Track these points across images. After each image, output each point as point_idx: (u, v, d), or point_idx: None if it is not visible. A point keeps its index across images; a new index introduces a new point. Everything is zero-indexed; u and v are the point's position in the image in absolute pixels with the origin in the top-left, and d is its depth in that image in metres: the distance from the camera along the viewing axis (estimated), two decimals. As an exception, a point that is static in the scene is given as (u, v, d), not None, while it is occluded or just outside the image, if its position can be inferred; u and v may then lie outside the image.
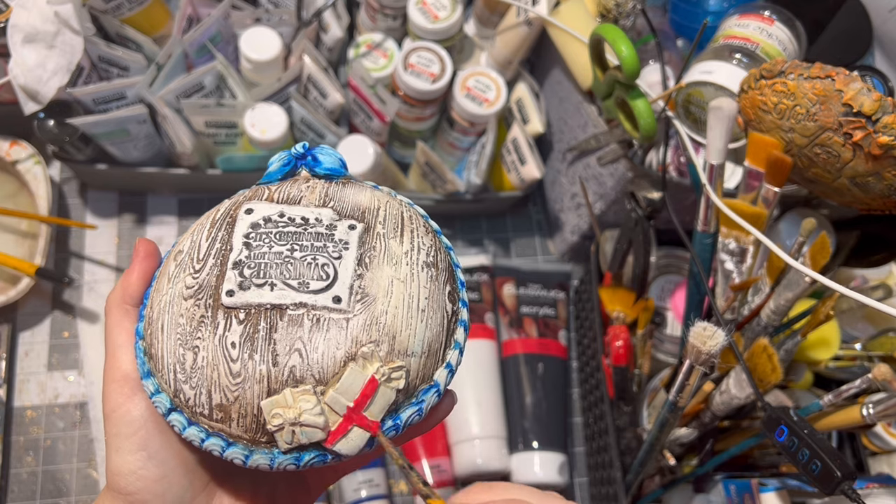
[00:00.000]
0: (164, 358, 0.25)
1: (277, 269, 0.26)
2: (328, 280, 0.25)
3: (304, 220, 0.27)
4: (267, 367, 0.24)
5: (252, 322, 0.25)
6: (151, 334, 0.26)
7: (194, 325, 0.25)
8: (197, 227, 0.28)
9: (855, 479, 0.38)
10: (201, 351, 0.24)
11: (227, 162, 0.64)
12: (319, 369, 0.24)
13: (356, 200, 0.28)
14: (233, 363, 0.24)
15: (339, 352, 0.24)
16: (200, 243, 0.27)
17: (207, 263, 0.26)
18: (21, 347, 0.64)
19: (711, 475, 0.53)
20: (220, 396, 0.24)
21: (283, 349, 0.24)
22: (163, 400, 0.25)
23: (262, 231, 0.26)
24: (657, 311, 0.65)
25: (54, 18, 0.53)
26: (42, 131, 0.58)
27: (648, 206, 0.54)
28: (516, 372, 0.67)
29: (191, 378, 0.24)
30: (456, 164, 0.73)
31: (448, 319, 0.27)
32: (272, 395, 0.24)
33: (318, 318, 0.25)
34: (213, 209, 0.29)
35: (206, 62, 0.62)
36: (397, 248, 0.27)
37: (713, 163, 0.46)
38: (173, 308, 0.25)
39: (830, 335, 0.57)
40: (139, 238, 0.28)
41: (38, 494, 0.59)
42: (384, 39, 0.68)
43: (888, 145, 0.39)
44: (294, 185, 0.29)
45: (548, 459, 0.64)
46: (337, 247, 0.26)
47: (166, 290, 0.26)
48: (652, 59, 0.63)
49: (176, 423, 0.25)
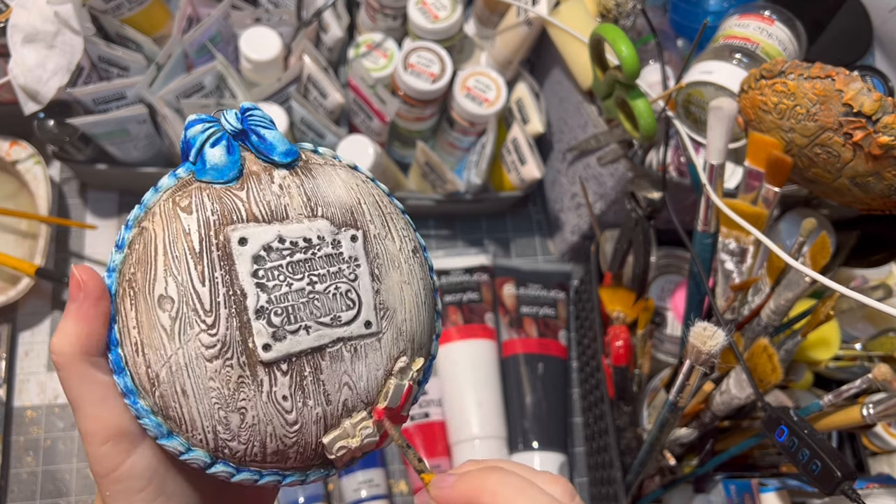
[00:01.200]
0: (195, 421, 0.23)
1: (305, 308, 0.24)
2: (355, 307, 0.25)
3: (308, 242, 0.25)
4: (322, 409, 0.25)
5: (297, 370, 0.24)
6: (164, 397, 0.23)
7: (233, 387, 0.23)
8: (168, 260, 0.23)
9: (855, 479, 0.38)
10: (249, 411, 0.23)
11: (227, 162, 0.64)
12: (367, 394, 0.26)
13: (338, 197, 0.26)
14: (288, 414, 0.24)
15: (380, 372, 0.26)
16: (196, 288, 0.23)
17: (220, 315, 0.23)
18: (21, 347, 0.64)
19: (711, 475, 0.53)
20: (277, 444, 0.24)
21: (333, 388, 0.25)
22: (200, 456, 0.24)
23: (270, 266, 0.24)
24: (657, 311, 0.65)
25: (54, 18, 0.53)
26: (42, 131, 0.58)
27: (648, 206, 0.54)
28: (516, 372, 0.67)
29: (239, 436, 0.24)
30: (456, 164, 0.73)
31: (432, 292, 0.29)
32: (329, 429, 0.25)
33: (355, 347, 0.25)
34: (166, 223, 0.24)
35: (206, 62, 0.62)
36: (392, 247, 0.27)
37: (713, 163, 0.46)
38: (195, 371, 0.23)
39: (830, 335, 0.57)
40: (76, 266, 0.24)
41: (38, 494, 0.59)
42: (384, 39, 0.68)
43: (888, 145, 0.39)
44: (263, 188, 0.25)
45: (548, 459, 0.64)
46: (350, 266, 0.26)
47: (172, 349, 0.23)
48: (652, 59, 0.63)
49: (222, 473, 0.24)
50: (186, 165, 0.25)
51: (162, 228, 0.24)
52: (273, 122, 0.26)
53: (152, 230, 0.24)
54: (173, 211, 0.24)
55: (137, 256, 0.24)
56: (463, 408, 0.64)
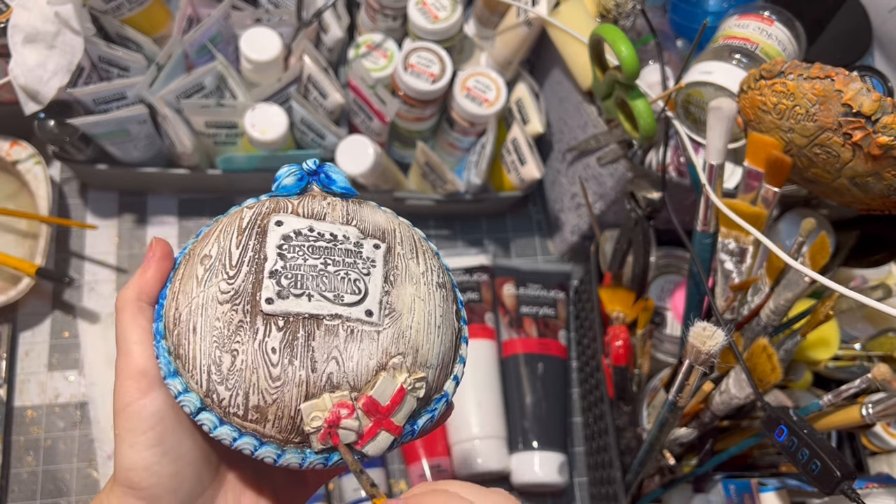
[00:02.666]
0: (196, 359, 0.26)
1: (313, 280, 0.27)
2: (360, 294, 0.27)
3: (333, 237, 0.28)
4: (306, 373, 0.26)
5: (291, 330, 0.26)
6: (179, 335, 0.26)
7: (232, 328, 0.26)
8: (220, 233, 0.28)
9: (854, 479, 0.38)
10: (240, 354, 0.25)
11: (228, 162, 0.64)
12: (354, 376, 0.26)
13: (375, 220, 0.30)
14: (273, 367, 0.25)
15: (372, 361, 0.26)
16: (231, 250, 0.27)
17: (241, 270, 0.27)
18: (21, 347, 0.64)
19: (711, 475, 0.54)
20: (258, 398, 0.25)
21: (322, 356, 0.26)
22: (192, 399, 0.26)
23: (295, 244, 0.27)
24: (657, 311, 0.65)
25: (55, 19, 0.53)
26: (42, 131, 0.58)
27: (648, 206, 0.54)
28: (516, 372, 0.67)
29: (227, 380, 0.25)
30: (456, 164, 0.73)
31: (456, 336, 0.30)
32: (310, 399, 0.25)
33: (352, 329, 0.27)
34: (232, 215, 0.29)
35: (206, 62, 0.62)
36: (415, 268, 0.29)
37: (713, 163, 0.46)
38: (207, 311, 0.26)
39: (830, 335, 0.57)
40: (155, 237, 0.29)
41: (39, 494, 0.59)
42: (384, 40, 0.68)
43: (888, 145, 0.39)
44: (314, 202, 0.29)
45: (548, 459, 0.64)
46: (365, 264, 0.28)
47: (196, 292, 0.26)
48: (652, 60, 0.63)
49: (206, 421, 0.26)
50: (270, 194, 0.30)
51: (228, 220, 0.29)
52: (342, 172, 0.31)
53: (221, 222, 0.29)
54: (241, 210, 0.29)
55: (203, 236, 0.29)
56: (463, 408, 0.64)
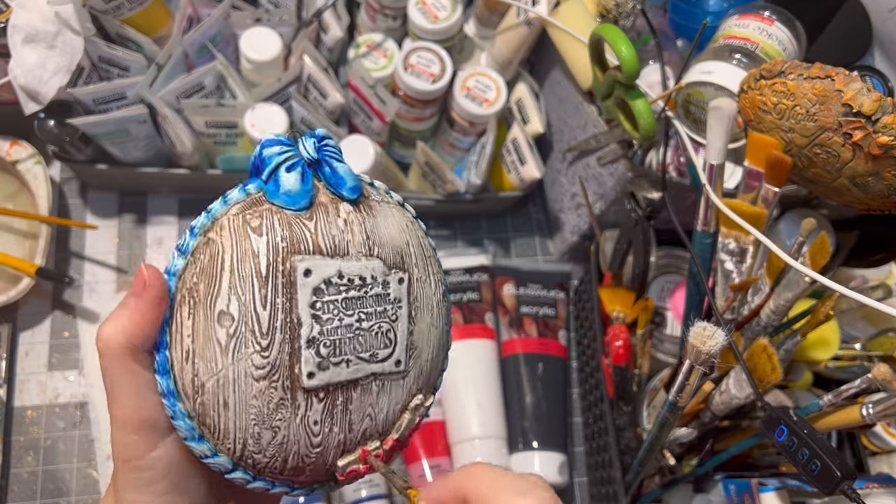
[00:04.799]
0: (229, 432, 0.24)
1: (350, 343, 0.26)
2: (391, 346, 0.27)
3: (363, 281, 0.26)
4: (344, 435, 0.26)
5: (331, 399, 0.26)
6: (205, 406, 0.24)
7: (273, 407, 0.24)
8: (235, 279, 0.24)
9: (855, 479, 0.38)
10: (282, 430, 0.25)
11: (228, 162, 0.64)
12: (384, 425, 0.27)
13: (391, 238, 0.27)
14: (314, 437, 0.26)
15: (398, 406, 0.28)
16: (257, 310, 0.24)
17: (275, 339, 0.24)
18: (21, 347, 0.64)
19: (711, 475, 0.53)
20: (298, 462, 0.26)
21: (358, 418, 0.27)
22: (223, 462, 0.25)
23: (327, 300, 0.25)
24: (657, 311, 0.65)
25: (54, 18, 0.53)
26: (42, 131, 0.58)
27: (648, 206, 0.54)
28: (516, 372, 0.67)
29: (266, 450, 0.25)
30: (456, 164, 0.73)
31: (449, 333, 0.30)
32: (345, 454, 0.27)
33: (383, 382, 0.27)
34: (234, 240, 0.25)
35: (206, 62, 0.62)
36: (429, 291, 0.29)
37: (713, 163, 0.46)
38: (241, 387, 0.24)
39: (830, 335, 0.57)
40: (144, 265, 0.24)
41: (39, 494, 0.59)
42: (384, 40, 0.68)
43: (888, 145, 0.39)
44: (329, 222, 0.26)
45: (548, 459, 0.64)
46: (393, 307, 0.27)
47: (223, 363, 0.24)
48: (652, 59, 0.63)
49: (240, 479, 0.26)
50: (257, 183, 0.26)
51: (231, 245, 0.24)
52: (341, 153, 0.28)
53: (220, 244, 0.24)
54: (243, 229, 0.25)
55: (202, 267, 0.24)
56: (463, 408, 0.64)
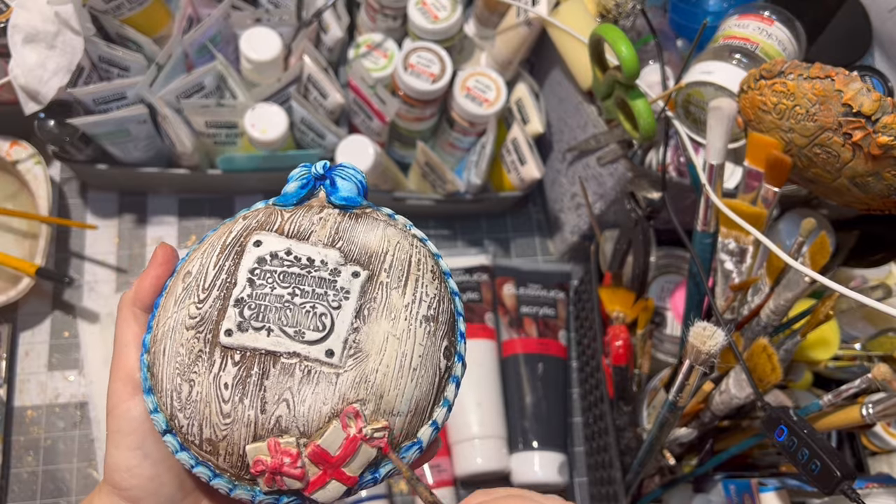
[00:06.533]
0: (163, 381, 0.26)
1: (276, 313, 0.26)
2: (324, 332, 0.26)
3: (310, 262, 0.27)
4: (255, 413, 0.25)
5: (246, 365, 0.25)
6: (154, 354, 0.26)
7: (192, 357, 0.25)
8: (208, 248, 0.28)
9: (854, 479, 0.38)
10: (196, 385, 0.25)
11: (228, 162, 0.64)
12: (304, 422, 0.25)
13: (365, 242, 0.28)
14: (224, 403, 0.25)
15: (326, 407, 0.25)
16: (208, 269, 0.27)
17: (211, 295, 0.26)
18: (21, 347, 0.64)
19: (711, 475, 0.53)
20: (210, 432, 0.25)
21: (272, 397, 0.25)
22: (160, 420, 0.26)
23: (267, 269, 0.27)
24: (657, 311, 0.65)
25: (55, 18, 0.53)
26: (42, 131, 0.58)
27: (648, 206, 0.54)
28: (516, 372, 0.67)
29: (185, 408, 0.25)
30: (456, 164, 0.73)
31: (440, 377, 0.27)
32: (258, 440, 0.25)
33: (309, 369, 0.25)
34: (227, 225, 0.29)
35: (206, 62, 0.62)
36: (398, 300, 0.27)
37: (713, 163, 0.46)
38: (175, 335, 0.26)
39: (830, 335, 0.57)
40: (162, 242, 0.29)
41: (39, 494, 0.59)
42: (384, 40, 0.68)
43: (888, 145, 0.39)
44: (307, 215, 0.28)
45: (548, 459, 0.64)
46: (338, 295, 0.26)
47: (171, 312, 0.26)
48: (652, 59, 0.63)
49: (170, 444, 0.26)
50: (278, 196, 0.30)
51: (224, 228, 0.29)
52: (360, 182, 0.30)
53: (220, 231, 0.29)
54: (238, 218, 0.29)
55: (201, 246, 0.28)
56: (463, 408, 0.64)
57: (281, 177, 0.65)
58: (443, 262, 0.30)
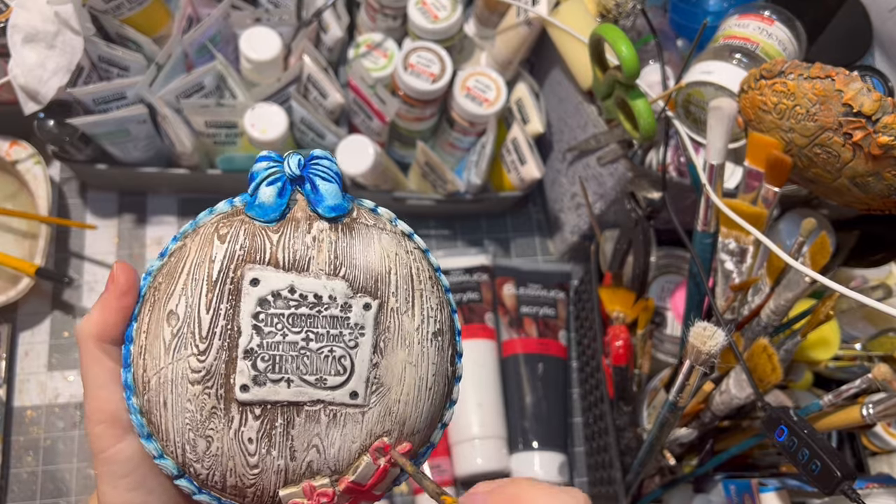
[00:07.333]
0: (169, 433, 0.24)
1: (293, 363, 0.25)
2: (345, 375, 0.25)
3: (318, 299, 0.25)
4: (285, 462, 0.25)
5: (269, 418, 0.24)
6: (150, 402, 0.24)
7: (205, 414, 0.24)
8: (189, 281, 0.24)
9: (855, 479, 0.38)
10: (215, 441, 0.24)
11: (228, 162, 0.64)
12: (335, 462, 0.25)
13: (367, 263, 0.26)
14: (250, 457, 0.24)
15: (355, 445, 0.25)
16: (200, 314, 0.24)
17: (213, 345, 0.24)
18: (21, 347, 0.64)
19: (711, 475, 0.53)
20: (236, 480, 0.25)
21: (301, 445, 0.25)
22: (169, 465, 0.25)
23: (273, 312, 0.25)
24: (657, 311, 0.65)
25: (54, 18, 0.53)
26: (42, 131, 0.58)
27: (648, 206, 0.54)
28: (516, 372, 0.67)
29: (203, 460, 0.24)
30: (456, 164, 0.73)
31: (448, 385, 0.28)
32: (289, 485, 0.25)
33: (334, 413, 0.25)
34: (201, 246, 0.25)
35: (206, 62, 0.62)
36: (409, 324, 0.26)
37: (713, 163, 0.46)
38: (178, 389, 0.24)
39: (830, 335, 0.57)
40: (117, 262, 0.26)
41: (38, 494, 0.59)
42: (384, 39, 0.68)
43: (888, 145, 0.39)
44: (297, 236, 0.25)
45: (548, 459, 0.64)
46: (353, 333, 0.25)
47: (164, 362, 0.24)
48: (652, 59, 0.63)
49: (185, 488, 0.25)
50: (244, 196, 0.26)
51: (196, 249, 0.25)
52: (338, 175, 0.27)
53: (188, 248, 0.25)
54: (212, 236, 0.25)
55: (169, 268, 0.25)
56: (463, 408, 0.64)
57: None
58: (431, 257, 0.29)
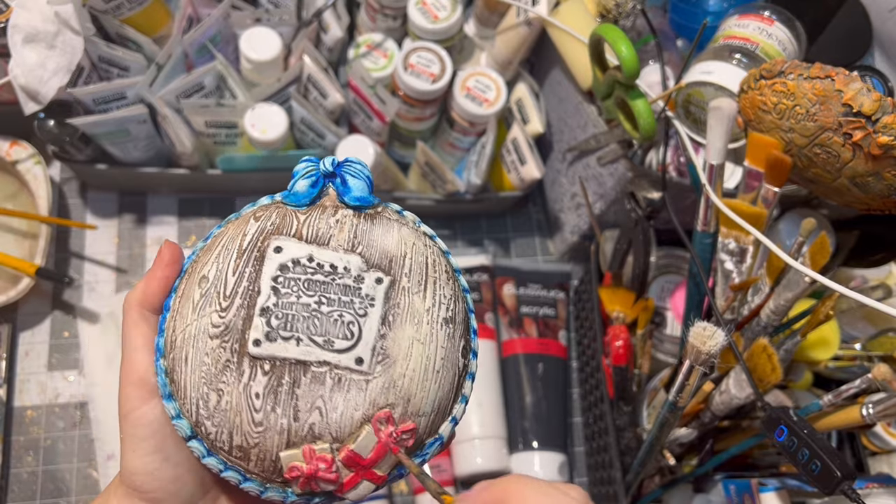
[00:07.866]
0: (186, 389, 0.26)
1: (304, 322, 0.26)
2: (353, 340, 0.26)
3: (333, 269, 0.27)
4: (288, 422, 0.25)
5: (276, 375, 0.25)
6: (174, 360, 0.26)
7: (219, 367, 0.25)
8: (222, 251, 0.27)
9: (855, 479, 0.38)
10: (225, 395, 0.25)
11: (228, 162, 0.64)
12: (337, 428, 0.26)
13: (384, 245, 0.28)
14: (256, 413, 0.25)
15: (358, 413, 0.26)
16: (227, 276, 0.26)
17: (234, 303, 0.26)
18: (21, 347, 0.64)
19: (711, 475, 0.53)
20: (241, 439, 0.25)
21: (305, 406, 0.25)
22: (184, 426, 0.26)
23: (291, 276, 0.27)
24: (657, 311, 0.65)
25: (54, 18, 0.53)
26: (42, 131, 0.58)
27: (648, 206, 0.54)
28: (516, 372, 0.67)
29: (213, 416, 0.25)
30: (456, 164, 0.73)
31: (459, 375, 0.28)
32: (291, 447, 0.25)
33: (339, 377, 0.26)
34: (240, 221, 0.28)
35: (206, 62, 0.62)
36: (420, 304, 0.27)
37: (713, 163, 0.46)
38: (198, 343, 0.26)
39: (830, 335, 0.57)
40: (166, 240, 0.28)
41: (38, 494, 0.59)
42: (384, 39, 0.68)
43: (888, 145, 0.39)
44: (323, 218, 0.28)
45: (548, 459, 0.64)
46: (363, 303, 0.27)
47: (191, 319, 0.26)
48: (652, 59, 0.63)
49: (196, 450, 0.26)
50: (284, 192, 0.29)
51: (234, 228, 0.28)
52: (368, 177, 0.29)
53: (228, 229, 0.28)
54: (248, 218, 0.28)
55: (208, 246, 0.28)
56: (463, 408, 0.64)
57: (281, 177, 0.66)
58: (452, 259, 0.30)
